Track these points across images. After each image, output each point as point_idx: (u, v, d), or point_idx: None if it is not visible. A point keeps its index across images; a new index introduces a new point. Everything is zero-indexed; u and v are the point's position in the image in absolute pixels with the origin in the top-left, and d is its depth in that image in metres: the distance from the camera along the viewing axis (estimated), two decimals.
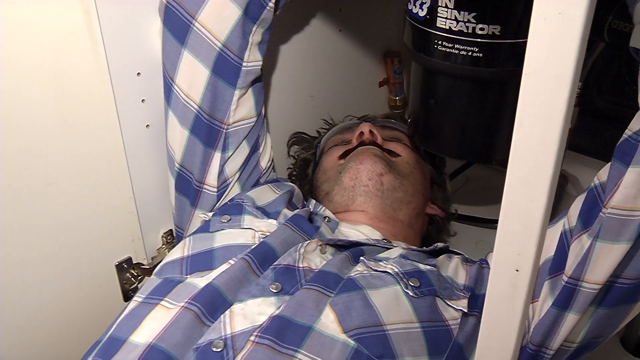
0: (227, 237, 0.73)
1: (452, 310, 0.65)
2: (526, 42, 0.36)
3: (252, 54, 0.80)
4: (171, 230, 0.92)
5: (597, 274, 0.58)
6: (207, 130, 0.80)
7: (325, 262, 0.69)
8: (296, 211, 0.78)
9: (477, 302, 0.67)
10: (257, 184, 0.87)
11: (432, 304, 0.65)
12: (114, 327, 0.64)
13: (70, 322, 0.84)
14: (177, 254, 0.72)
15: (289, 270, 0.66)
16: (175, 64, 0.77)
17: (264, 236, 0.72)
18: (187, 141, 0.80)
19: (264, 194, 0.84)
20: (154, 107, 0.83)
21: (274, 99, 1.00)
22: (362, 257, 0.70)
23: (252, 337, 0.58)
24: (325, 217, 0.81)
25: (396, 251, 0.73)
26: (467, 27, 0.67)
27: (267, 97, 0.98)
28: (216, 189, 0.82)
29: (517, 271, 0.43)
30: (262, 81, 0.84)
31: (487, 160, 1.12)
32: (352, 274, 0.66)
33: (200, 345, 0.58)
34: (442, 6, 0.67)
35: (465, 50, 0.68)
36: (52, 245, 0.79)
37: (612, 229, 0.56)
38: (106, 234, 0.84)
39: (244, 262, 0.66)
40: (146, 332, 0.60)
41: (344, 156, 0.91)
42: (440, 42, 0.69)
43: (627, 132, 0.58)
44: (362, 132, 0.91)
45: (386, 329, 0.60)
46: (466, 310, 0.65)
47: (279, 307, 0.62)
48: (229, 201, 0.83)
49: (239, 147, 0.82)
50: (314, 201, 0.87)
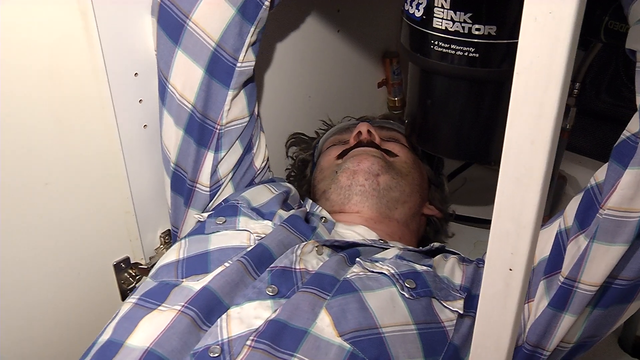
0: (222, 239, 0.73)
1: (448, 311, 0.65)
2: None
3: (247, 55, 0.80)
4: (169, 230, 0.92)
5: (594, 275, 0.58)
6: (200, 129, 0.80)
7: (321, 263, 0.68)
8: (292, 211, 0.78)
9: (473, 303, 0.67)
10: (251, 184, 0.87)
11: (428, 305, 0.65)
12: (111, 330, 0.63)
13: (68, 321, 0.84)
14: (172, 256, 0.72)
15: (285, 272, 0.66)
16: (169, 63, 0.78)
17: (259, 238, 0.72)
18: (181, 140, 0.80)
19: (259, 194, 0.84)
20: (151, 107, 0.83)
21: (272, 99, 1.00)
22: (358, 258, 0.70)
23: (249, 342, 0.58)
24: (322, 217, 0.81)
25: (392, 252, 0.73)
26: (463, 28, 0.67)
27: (265, 97, 0.99)
28: (209, 189, 0.82)
29: (510, 270, 0.43)
30: (254, 81, 0.84)
31: (484, 160, 1.12)
32: (348, 276, 0.66)
33: (197, 350, 0.58)
34: (438, 7, 0.67)
35: (461, 50, 0.68)
36: (50, 245, 0.79)
37: (608, 230, 0.56)
38: (104, 234, 0.84)
39: (240, 265, 0.66)
40: (142, 336, 0.60)
41: (341, 156, 0.91)
42: (436, 43, 0.70)
43: (625, 133, 0.58)
44: (359, 132, 0.91)
45: (382, 331, 0.60)
46: (462, 311, 0.65)
47: (275, 311, 0.61)
48: (223, 202, 0.83)
49: (231, 147, 0.82)
50: (311, 201, 0.87)
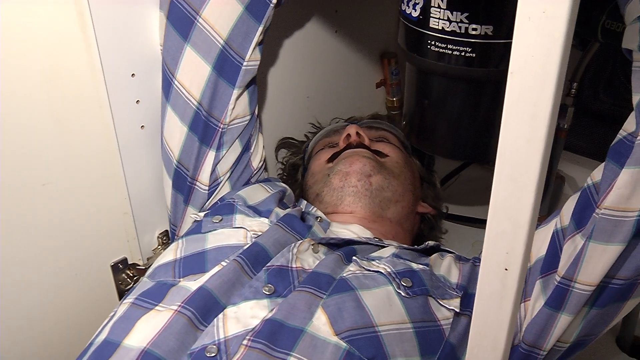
0: (219, 237, 0.73)
1: (445, 310, 0.65)
2: None
3: (253, 54, 0.80)
4: (167, 230, 0.92)
5: (590, 275, 0.58)
6: (204, 127, 0.80)
7: (318, 261, 0.68)
8: (288, 210, 0.78)
9: (470, 301, 0.67)
10: (248, 184, 0.87)
11: (425, 303, 0.65)
12: (108, 330, 0.63)
13: (66, 321, 0.84)
14: (169, 256, 0.72)
15: (282, 271, 0.66)
16: (177, 59, 0.77)
17: (256, 235, 0.72)
18: (185, 138, 0.80)
19: (255, 193, 0.84)
20: (149, 108, 0.83)
21: (270, 100, 1.00)
22: (354, 257, 0.70)
23: (245, 341, 0.58)
24: (317, 217, 0.81)
25: (389, 250, 0.73)
26: (460, 28, 0.67)
27: (263, 98, 0.99)
28: (207, 187, 0.83)
29: (506, 270, 0.43)
30: (256, 80, 0.85)
31: (481, 160, 1.13)
32: (344, 274, 0.66)
33: (194, 350, 0.58)
34: (434, 6, 0.67)
35: (458, 50, 0.68)
36: (47, 245, 0.79)
37: (605, 230, 0.56)
38: (101, 235, 0.84)
39: (236, 264, 0.66)
40: (139, 336, 0.60)
41: (332, 159, 0.91)
42: (433, 43, 0.70)
43: (621, 133, 0.58)
44: (348, 135, 0.91)
45: (378, 330, 0.60)
46: (458, 310, 0.65)
47: (272, 310, 0.61)
48: (219, 200, 0.83)
49: (232, 146, 0.82)
50: (306, 202, 0.87)
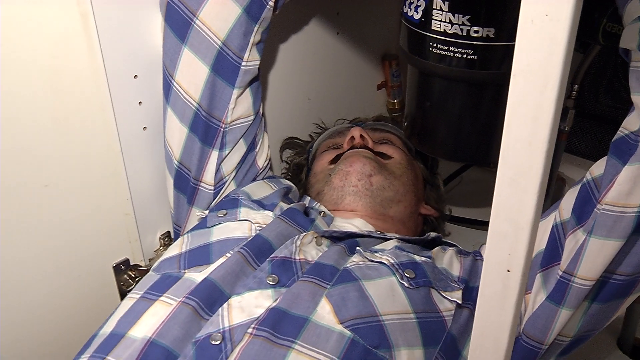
0: (223, 230, 0.73)
1: (447, 301, 0.66)
2: None
3: (251, 54, 0.80)
4: (168, 232, 0.92)
5: (590, 269, 0.59)
6: (205, 127, 0.80)
7: (321, 253, 0.69)
8: (291, 205, 0.79)
9: (471, 294, 0.68)
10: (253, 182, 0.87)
11: (427, 295, 0.65)
12: (114, 323, 0.64)
13: (67, 323, 0.84)
14: (175, 250, 0.73)
15: (285, 262, 0.67)
16: (175, 60, 0.78)
17: (261, 228, 0.72)
18: (186, 138, 0.81)
19: (259, 189, 0.84)
20: (151, 109, 0.83)
21: (272, 101, 1.01)
22: (358, 247, 0.71)
23: (250, 330, 0.59)
24: (320, 211, 0.82)
25: (391, 243, 0.73)
26: (462, 30, 0.67)
27: (265, 99, 0.99)
28: (213, 187, 0.83)
29: (508, 271, 0.44)
30: (259, 80, 0.85)
31: (483, 162, 1.12)
32: (348, 265, 0.67)
33: (198, 339, 0.59)
34: (436, 9, 0.68)
35: (460, 52, 0.68)
36: (49, 246, 0.79)
37: (605, 225, 0.57)
38: (103, 236, 0.84)
39: (240, 256, 0.67)
40: (144, 327, 0.61)
41: (334, 161, 0.91)
42: (435, 45, 0.70)
43: (622, 131, 0.58)
44: (352, 137, 0.91)
45: (382, 319, 0.61)
46: (460, 301, 0.66)
47: (276, 300, 0.62)
48: (224, 197, 0.84)
49: (235, 145, 0.83)
50: (309, 198, 0.88)
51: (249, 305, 0.62)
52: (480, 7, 0.65)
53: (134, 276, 0.89)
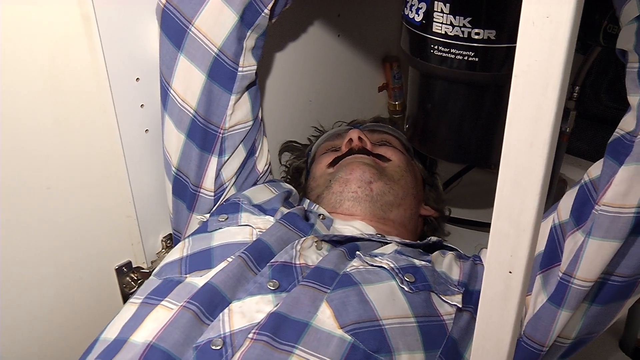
0: (225, 235, 0.73)
1: (447, 305, 0.66)
2: None
3: (246, 59, 0.80)
4: (170, 234, 0.92)
5: (588, 271, 0.59)
6: (202, 134, 0.80)
7: (321, 258, 0.69)
8: (291, 209, 0.79)
9: (471, 298, 0.68)
10: (253, 186, 0.87)
11: (427, 299, 0.65)
12: (117, 329, 0.64)
13: (70, 325, 0.85)
14: (176, 254, 0.73)
15: (286, 267, 0.67)
16: (171, 68, 0.78)
17: (262, 233, 0.72)
18: (183, 145, 0.81)
19: (260, 193, 0.84)
20: (153, 112, 0.83)
21: (273, 103, 1.01)
22: (358, 252, 0.71)
23: (251, 335, 0.59)
24: (320, 214, 0.82)
25: (391, 247, 0.73)
26: (463, 32, 0.67)
27: (265, 102, 0.99)
28: (213, 193, 0.83)
29: (510, 273, 0.44)
30: (257, 85, 0.85)
31: (484, 164, 1.12)
32: (348, 269, 0.67)
33: (199, 344, 0.59)
34: (437, 11, 0.68)
35: (461, 54, 0.69)
36: (52, 248, 0.79)
37: (603, 226, 0.57)
38: (106, 238, 0.85)
39: (240, 260, 0.67)
40: (145, 332, 0.61)
41: (333, 164, 0.91)
42: (436, 47, 0.70)
43: (619, 131, 0.59)
44: (351, 139, 0.91)
45: (382, 323, 0.61)
46: (460, 305, 0.66)
47: (277, 305, 0.62)
48: (225, 201, 0.84)
49: (235, 151, 0.83)
50: (308, 200, 0.88)
51: (250, 310, 0.62)
52: (481, 9, 0.66)
53: (136, 278, 0.89)
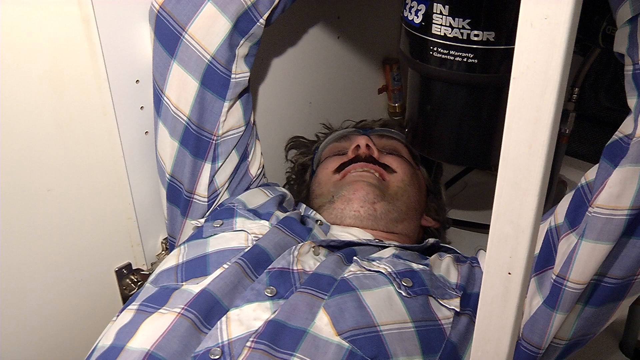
0: (220, 241, 0.73)
1: (445, 309, 0.66)
2: None
3: (239, 66, 0.80)
4: None
5: (581, 273, 0.59)
6: (195, 141, 0.80)
7: (319, 263, 0.69)
8: (287, 214, 0.79)
9: (469, 301, 0.68)
10: (247, 190, 0.87)
11: (425, 303, 0.65)
12: (113, 336, 0.63)
13: (70, 327, 0.85)
14: (172, 261, 0.72)
15: (283, 273, 0.67)
16: (164, 75, 0.78)
17: (257, 238, 0.72)
18: (177, 152, 0.80)
19: (255, 197, 0.84)
20: (153, 114, 0.83)
21: (273, 105, 1.01)
22: (355, 257, 0.70)
23: (249, 343, 0.59)
24: (317, 220, 0.81)
25: (389, 251, 0.73)
26: (462, 34, 0.67)
27: (266, 104, 0.99)
28: (207, 199, 0.83)
29: (509, 274, 0.44)
30: (249, 91, 0.85)
31: (484, 165, 1.13)
32: (345, 275, 0.67)
33: (198, 353, 0.58)
34: (437, 13, 0.68)
35: (460, 56, 0.69)
36: (52, 250, 0.79)
37: (595, 228, 0.57)
38: (106, 240, 0.85)
39: (237, 267, 0.66)
40: (142, 339, 0.61)
41: (339, 170, 0.90)
42: (435, 49, 0.70)
43: (617, 134, 0.59)
44: (358, 146, 0.90)
45: (380, 329, 0.61)
46: (459, 309, 0.66)
47: (274, 312, 0.62)
48: (218, 206, 0.83)
49: (228, 157, 0.82)
50: (305, 206, 0.88)
51: (248, 318, 0.62)
52: (480, 11, 0.66)
53: (136, 280, 0.89)
